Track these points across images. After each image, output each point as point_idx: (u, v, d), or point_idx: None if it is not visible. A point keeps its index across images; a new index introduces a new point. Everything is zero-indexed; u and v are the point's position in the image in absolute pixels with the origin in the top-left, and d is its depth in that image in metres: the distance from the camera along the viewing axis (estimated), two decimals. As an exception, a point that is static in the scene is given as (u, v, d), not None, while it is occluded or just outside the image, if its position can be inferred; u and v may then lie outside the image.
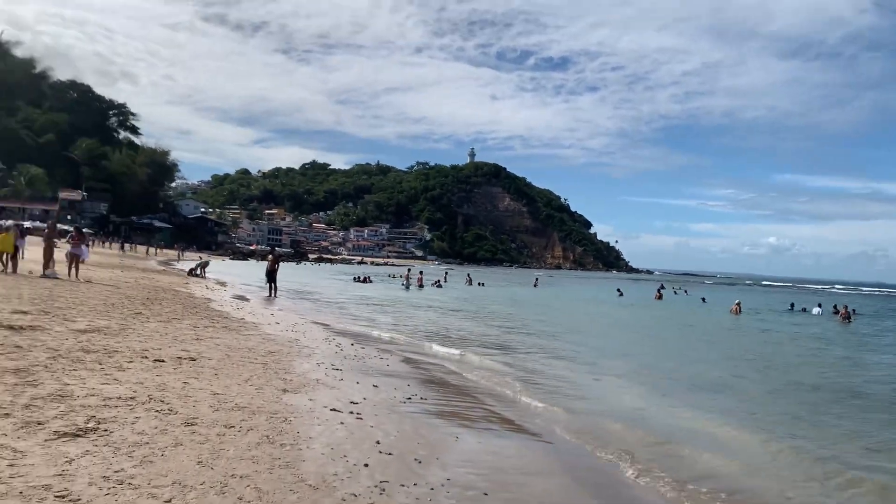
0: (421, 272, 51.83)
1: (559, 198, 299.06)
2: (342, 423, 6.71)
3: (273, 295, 26.18)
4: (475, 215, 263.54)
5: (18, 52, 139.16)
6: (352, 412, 7.25)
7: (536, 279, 70.54)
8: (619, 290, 55.96)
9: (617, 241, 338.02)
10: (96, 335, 9.99)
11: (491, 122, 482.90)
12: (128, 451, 4.67)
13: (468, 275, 64.31)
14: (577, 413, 8.94)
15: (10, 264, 20.96)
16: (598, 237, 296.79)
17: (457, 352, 14.26)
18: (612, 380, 12.34)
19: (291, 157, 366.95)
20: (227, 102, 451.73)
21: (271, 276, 26.64)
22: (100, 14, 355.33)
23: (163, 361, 8.53)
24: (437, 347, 14.92)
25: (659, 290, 54.84)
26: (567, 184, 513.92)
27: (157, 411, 5.93)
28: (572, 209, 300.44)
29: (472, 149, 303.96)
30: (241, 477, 4.55)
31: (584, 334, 21.58)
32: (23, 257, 23.73)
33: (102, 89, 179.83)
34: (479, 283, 57.23)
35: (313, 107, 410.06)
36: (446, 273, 68.60)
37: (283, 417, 6.51)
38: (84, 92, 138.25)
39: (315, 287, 39.22)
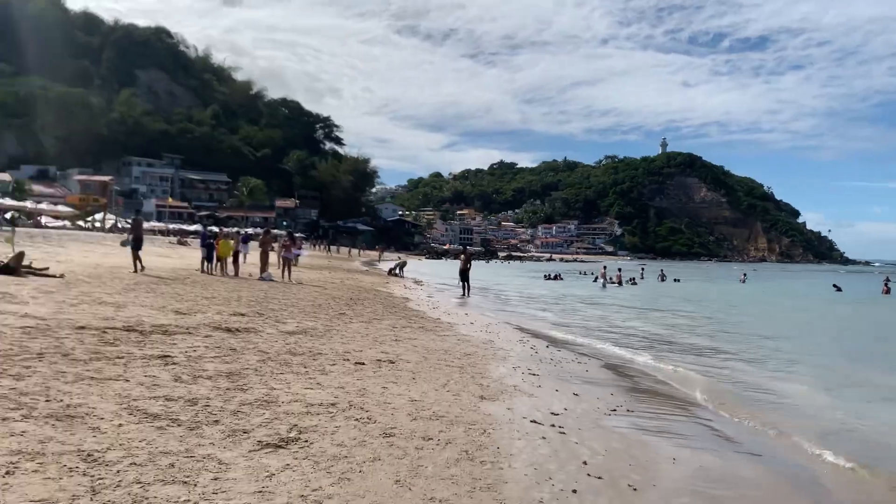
0: (619, 269, 49.89)
1: (762, 186, 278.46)
2: (544, 437, 6.21)
3: (466, 294, 26.38)
4: (668, 208, 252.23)
5: (239, 76, 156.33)
6: (553, 425, 6.72)
7: (744, 275, 65.31)
8: (835, 285, 49.86)
9: (829, 231, 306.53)
10: (303, 337, 10.36)
11: (683, 109, 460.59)
12: (327, 467, 4.52)
13: (661, 270, 61.05)
14: (805, 434, 7.66)
15: (232, 268, 22.92)
16: (808, 226, 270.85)
17: (660, 357, 13.19)
18: (843, 392, 10.62)
19: (480, 158, 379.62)
20: (420, 109, 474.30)
21: (464, 274, 26.88)
22: (307, 36, 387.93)
23: (363, 364, 8.58)
24: (638, 352, 13.92)
25: (886, 284, 48.06)
26: (770, 170, 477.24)
27: (357, 420, 5.82)
28: (777, 197, 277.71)
29: (664, 139, 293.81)
30: (440, 501, 4.20)
31: (803, 338, 19.18)
32: (244, 261, 26.01)
33: (310, 105, 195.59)
34: (674, 280, 54.14)
35: (500, 107, 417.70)
36: (642, 269, 65.60)
37: (481, 429, 6.14)
38: (294, 108, 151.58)
39: (506, 285, 39.23)
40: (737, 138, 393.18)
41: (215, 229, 41.89)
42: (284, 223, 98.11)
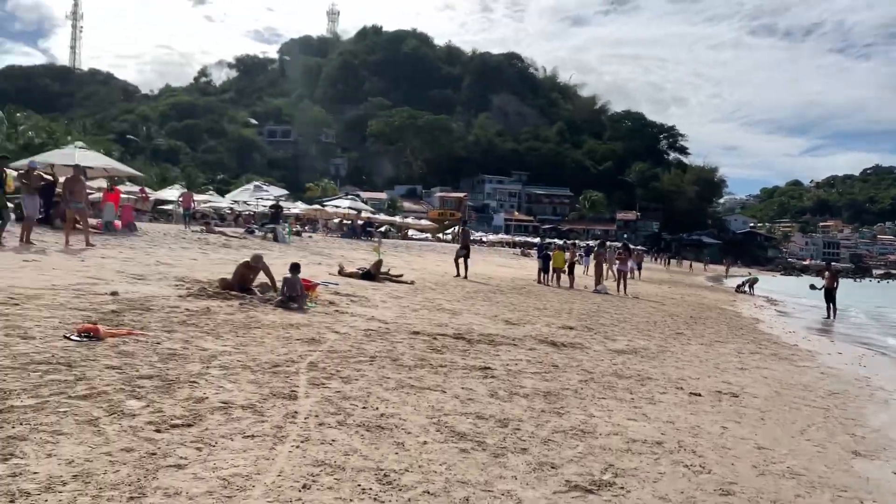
0: None
1: None
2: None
3: (831, 316, 22.80)
4: None
5: (584, 93, 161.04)
6: (966, 505, 4.92)
7: None
8: None
9: None
10: (632, 357, 9.54)
11: None
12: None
13: None
14: None
15: (567, 280, 22.87)
16: None
17: None
18: None
19: (849, 162, 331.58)
20: (775, 113, 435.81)
21: (829, 294, 23.32)
22: (652, 47, 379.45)
23: (699, 395, 7.47)
24: None
25: None
26: None
27: (686, 466, 4.86)
28: None
29: None
30: None
31: None
32: (585, 273, 26.08)
33: (654, 115, 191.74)
34: None
35: (876, 104, 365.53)
36: None
37: (857, 499, 4.69)
38: (637, 120, 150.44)
39: (882, 308, 33.05)
40: None
41: (559, 241, 43.03)
42: (625, 235, 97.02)
